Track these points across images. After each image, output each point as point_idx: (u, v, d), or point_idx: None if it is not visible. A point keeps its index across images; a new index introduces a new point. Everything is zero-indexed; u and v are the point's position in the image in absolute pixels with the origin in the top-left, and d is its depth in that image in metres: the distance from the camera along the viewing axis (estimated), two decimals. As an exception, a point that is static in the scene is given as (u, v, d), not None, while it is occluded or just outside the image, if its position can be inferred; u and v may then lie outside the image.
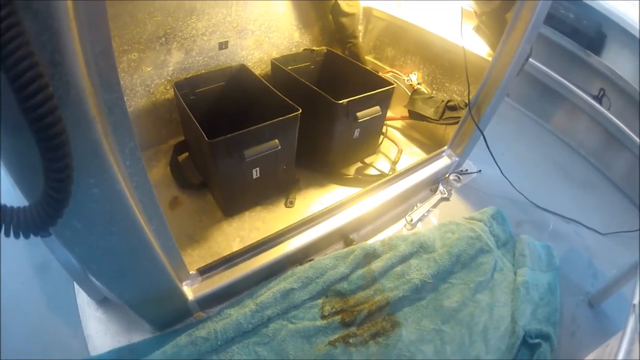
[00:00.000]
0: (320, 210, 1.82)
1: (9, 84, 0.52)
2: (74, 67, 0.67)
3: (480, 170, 2.42)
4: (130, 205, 0.95)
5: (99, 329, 1.56)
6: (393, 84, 2.02)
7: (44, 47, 0.62)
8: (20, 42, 0.51)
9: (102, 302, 1.62)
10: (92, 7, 0.67)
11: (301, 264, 1.75)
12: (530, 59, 1.87)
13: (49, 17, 0.60)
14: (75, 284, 1.65)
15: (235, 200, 1.88)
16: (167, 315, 1.51)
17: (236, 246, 1.76)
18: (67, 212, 0.69)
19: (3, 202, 0.62)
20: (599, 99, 2.96)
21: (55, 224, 0.69)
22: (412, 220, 2.05)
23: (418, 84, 2.40)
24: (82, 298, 1.64)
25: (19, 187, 0.77)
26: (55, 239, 0.87)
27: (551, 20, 3.10)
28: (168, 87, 2.05)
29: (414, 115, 2.32)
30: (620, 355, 1.26)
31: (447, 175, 2.30)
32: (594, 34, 3.06)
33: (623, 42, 2.95)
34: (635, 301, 1.36)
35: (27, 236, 0.65)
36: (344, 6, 2.28)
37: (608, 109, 2.86)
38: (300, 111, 1.73)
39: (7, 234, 0.62)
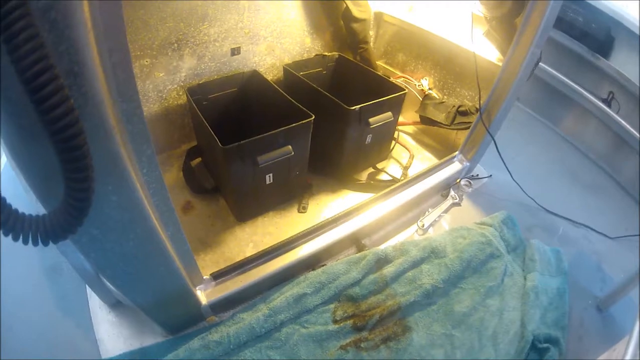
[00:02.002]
0: (333, 216, 1.83)
1: (29, 96, 0.53)
2: (93, 78, 0.68)
3: (491, 175, 2.43)
4: (147, 212, 0.97)
5: (111, 332, 1.57)
6: (405, 90, 2.03)
7: (61, 58, 0.62)
8: (39, 55, 0.51)
9: (115, 305, 1.63)
10: (110, 16, 0.68)
11: (314, 269, 1.76)
12: (540, 63, 1.88)
13: (67, 27, 0.61)
14: (87, 287, 1.66)
15: (248, 205, 1.89)
16: (180, 319, 1.52)
17: (249, 251, 1.77)
18: (85, 219, 0.70)
19: (15, 206, 0.62)
20: (608, 102, 2.96)
21: (75, 232, 0.70)
22: (423, 226, 2.06)
23: (429, 89, 2.42)
24: (94, 301, 1.66)
25: (35, 193, 0.78)
26: (68, 243, 0.88)
27: (560, 23, 3.10)
28: (181, 93, 2.07)
29: (425, 120, 2.33)
30: (627, 358, 1.27)
31: (458, 181, 2.31)
32: (603, 37, 3.06)
33: (632, 46, 2.96)
34: (642, 305, 1.36)
35: (46, 244, 0.66)
36: (355, 12, 2.29)
37: (617, 112, 2.86)
38: (314, 117, 1.74)
39: (25, 242, 0.63)
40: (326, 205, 2.06)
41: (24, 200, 0.83)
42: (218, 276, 1.55)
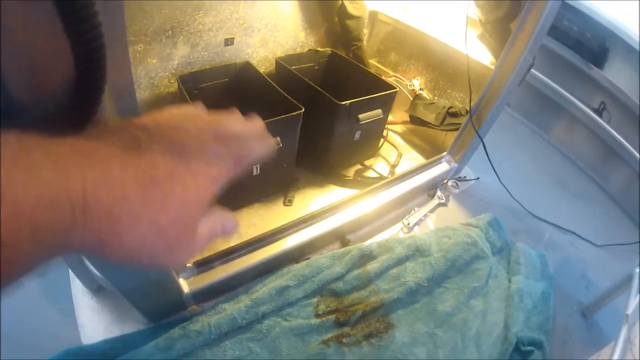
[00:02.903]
0: (318, 210, 1.82)
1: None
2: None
3: (478, 178, 2.43)
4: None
5: (92, 318, 1.55)
6: (396, 88, 2.03)
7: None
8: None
9: (97, 291, 1.61)
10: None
11: (297, 262, 1.75)
12: (533, 70, 1.88)
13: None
14: (70, 271, 1.65)
15: (235, 196, 1.88)
16: (161, 306, 1.51)
17: (233, 241, 1.75)
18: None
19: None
20: (599, 112, 2.98)
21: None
22: (409, 224, 2.06)
23: (420, 89, 2.42)
24: (77, 286, 1.63)
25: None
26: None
27: (555, 32, 3.12)
28: (172, 81, 2.04)
29: (415, 120, 2.33)
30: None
31: (445, 181, 2.31)
32: (597, 47, 3.08)
33: (625, 57, 2.98)
34: (629, 311, 1.37)
35: None
36: (351, 9, 2.29)
37: (608, 123, 2.88)
38: (303, 110, 1.74)
39: None
40: (312, 199, 2.05)
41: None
42: (201, 265, 1.54)
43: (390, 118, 2.39)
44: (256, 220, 1.90)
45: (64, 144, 0.37)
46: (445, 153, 2.25)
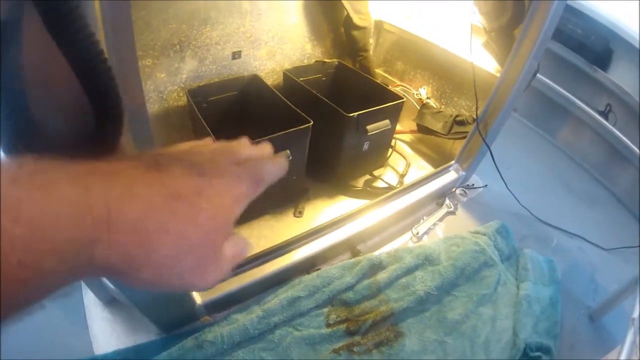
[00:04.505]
0: (329, 221, 1.83)
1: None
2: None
3: (486, 185, 2.43)
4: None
5: (105, 329, 1.58)
6: (403, 98, 2.04)
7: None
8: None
9: (110, 302, 1.64)
10: (118, 13, 0.69)
11: (308, 272, 1.77)
12: (538, 74, 1.89)
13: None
14: (82, 283, 1.67)
15: (245, 208, 1.88)
16: (174, 317, 1.53)
17: (244, 253, 1.77)
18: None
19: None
20: (605, 114, 2.98)
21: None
22: (418, 233, 2.07)
23: (427, 98, 2.43)
24: (89, 298, 1.66)
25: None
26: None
27: (559, 35, 3.13)
28: (181, 94, 2.07)
29: (422, 129, 2.34)
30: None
31: (453, 190, 2.31)
32: (601, 49, 3.09)
33: (630, 58, 2.98)
34: (635, 315, 1.38)
35: None
36: (356, 20, 2.30)
37: (614, 125, 2.88)
38: (312, 123, 1.75)
39: None
40: (322, 210, 2.07)
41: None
42: (213, 277, 1.55)
43: (398, 127, 2.40)
44: (267, 232, 1.91)
45: (83, 165, 0.37)
46: (453, 161, 2.27)
